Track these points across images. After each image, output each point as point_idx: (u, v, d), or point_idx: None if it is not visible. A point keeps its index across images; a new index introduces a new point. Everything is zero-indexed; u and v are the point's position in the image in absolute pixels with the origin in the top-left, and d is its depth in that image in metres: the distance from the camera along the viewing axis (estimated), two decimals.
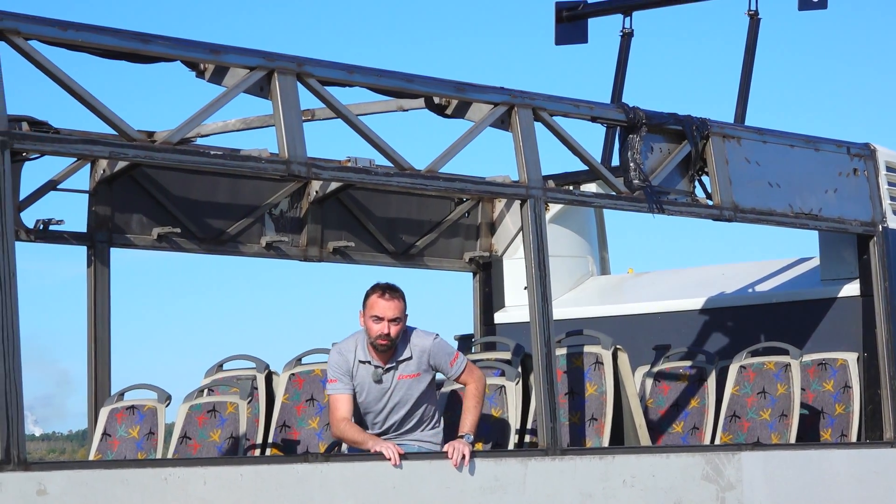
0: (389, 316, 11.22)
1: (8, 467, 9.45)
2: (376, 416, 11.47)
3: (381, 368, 11.26)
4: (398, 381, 11.32)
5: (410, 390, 11.40)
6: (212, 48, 10.91)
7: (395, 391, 11.34)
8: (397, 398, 11.36)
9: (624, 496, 12.44)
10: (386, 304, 11.26)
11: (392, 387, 11.33)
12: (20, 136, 10.20)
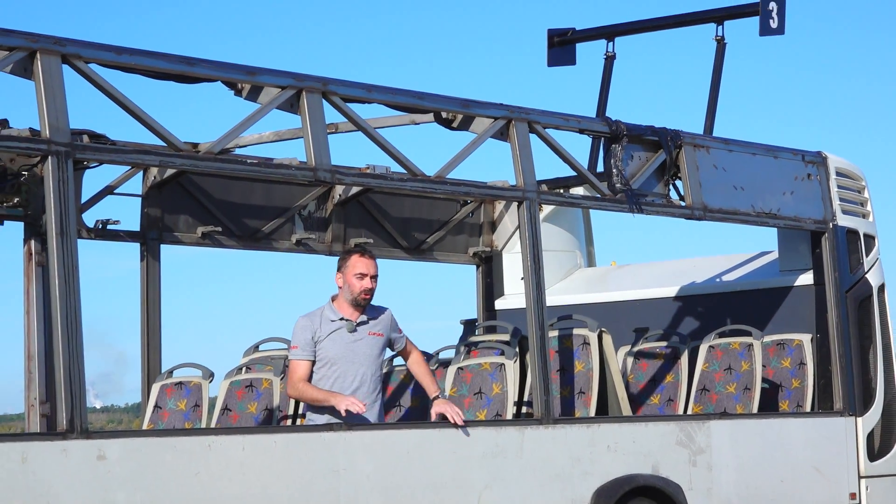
0: (372, 272, 11.23)
1: (72, 435, 9.47)
2: (349, 368, 11.23)
3: (354, 322, 11.21)
4: (369, 335, 11.24)
5: (374, 348, 11.29)
6: (248, 70, 10.93)
7: (364, 342, 11.21)
8: (366, 350, 11.22)
9: (608, 460, 12.45)
10: (368, 261, 11.27)
11: (363, 338, 11.22)
12: (81, 147, 10.22)
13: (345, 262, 11.34)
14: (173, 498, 9.91)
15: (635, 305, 15.43)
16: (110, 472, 9.64)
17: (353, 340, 11.19)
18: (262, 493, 10.35)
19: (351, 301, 11.21)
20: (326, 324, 11.19)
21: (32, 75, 9.74)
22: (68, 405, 9.58)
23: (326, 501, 10.67)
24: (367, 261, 11.27)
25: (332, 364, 11.15)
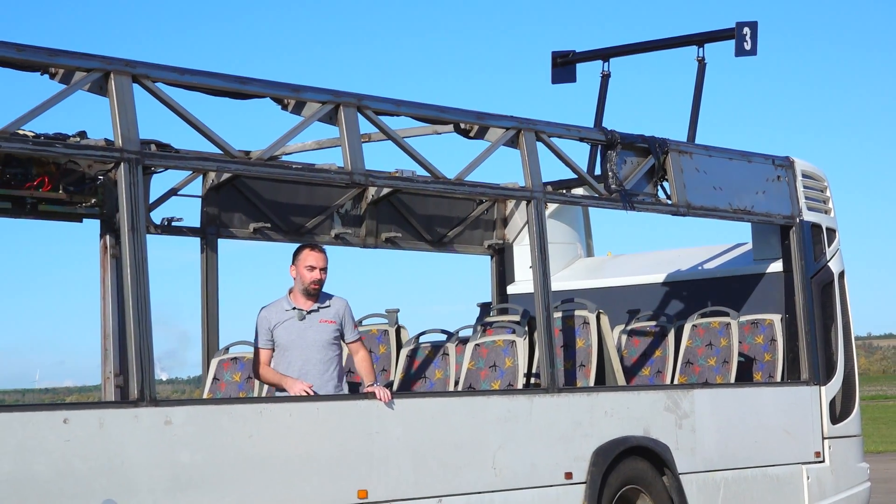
0: (321, 265, 11.11)
1: (142, 404, 9.52)
2: (297, 353, 11.12)
3: (304, 311, 11.10)
4: (319, 323, 11.11)
5: (325, 333, 11.15)
6: (293, 88, 11.00)
7: (313, 329, 11.09)
8: (315, 336, 11.10)
9: (605, 423, 12.49)
10: (317, 255, 11.15)
11: (312, 325, 11.11)
12: (150, 154, 10.27)
13: (297, 256, 11.25)
14: (229, 457, 9.96)
15: (628, 290, 15.43)
16: (175, 435, 9.70)
17: (303, 328, 11.10)
18: (306, 452, 10.40)
19: (302, 291, 11.11)
20: (281, 314, 11.11)
21: (107, 93, 9.79)
22: (139, 377, 9.65)
23: (361, 460, 10.71)
24: (317, 254, 11.17)
25: (284, 350, 11.08)
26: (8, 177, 10.52)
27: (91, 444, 9.27)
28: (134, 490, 9.40)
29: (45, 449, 9.06)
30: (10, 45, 9.48)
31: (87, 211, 11.23)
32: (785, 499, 14.10)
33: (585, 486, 12.19)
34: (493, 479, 11.55)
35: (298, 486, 10.31)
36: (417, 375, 13.71)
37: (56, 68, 9.72)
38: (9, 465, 8.87)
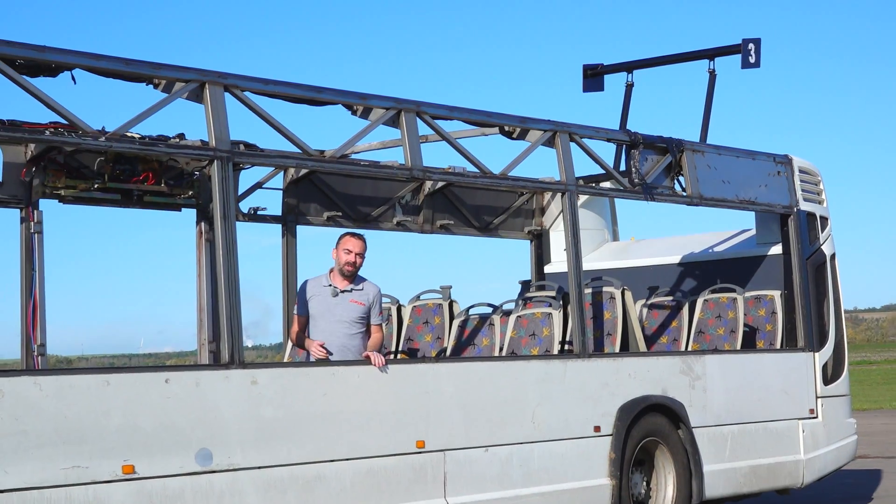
0: (357, 250, 10.94)
1: (232, 366, 9.55)
2: (324, 325, 10.96)
3: (339, 289, 10.98)
4: (349, 302, 10.95)
5: (352, 312, 10.97)
6: (361, 96, 10.99)
7: (341, 306, 10.93)
8: (342, 312, 10.93)
9: (629, 384, 12.47)
10: (355, 241, 11.00)
11: (341, 303, 10.96)
12: (238, 153, 10.29)
13: (339, 240, 11.13)
14: (306, 412, 9.98)
15: (649, 270, 15.39)
16: (260, 393, 9.73)
17: (334, 304, 10.94)
18: (372, 408, 10.41)
19: (339, 271, 10.98)
20: (318, 288, 10.99)
21: (203, 100, 9.82)
22: (229, 344, 9.67)
23: (419, 414, 10.72)
24: (355, 241, 11.02)
25: (315, 319, 10.94)
26: (118, 172, 10.57)
27: (188, 400, 9.31)
28: (225, 440, 9.44)
29: (149, 405, 9.10)
30: (120, 60, 9.52)
31: (185, 202, 11.26)
32: (783, 449, 14.05)
33: (612, 438, 12.17)
34: (532, 432, 11.54)
35: (365, 437, 10.32)
36: (467, 342, 13.71)
37: (159, 79, 9.74)
38: (119, 419, 8.91)
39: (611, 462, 12.14)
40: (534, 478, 11.49)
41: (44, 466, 8.53)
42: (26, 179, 10.16)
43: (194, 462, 9.25)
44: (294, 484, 9.81)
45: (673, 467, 12.82)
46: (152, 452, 9.04)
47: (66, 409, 8.70)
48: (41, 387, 8.65)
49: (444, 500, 10.78)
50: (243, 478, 9.52)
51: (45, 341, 9.81)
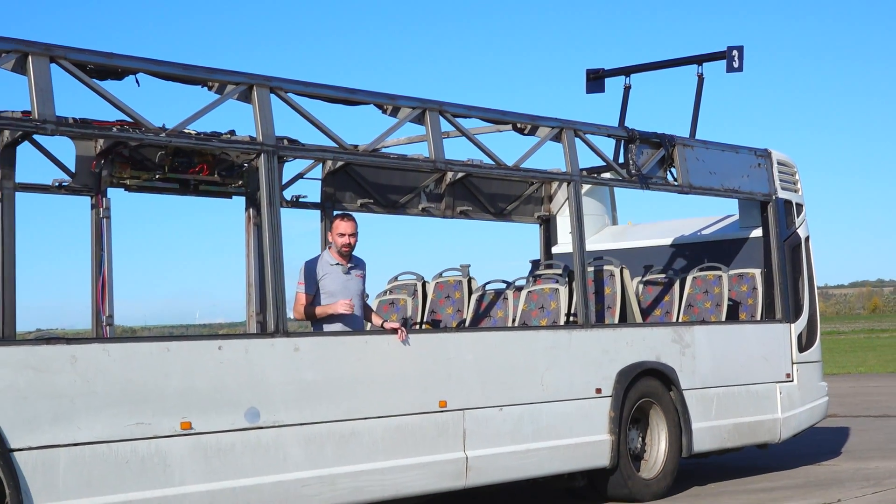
0: (349, 231, 10.87)
1: (277, 335, 9.56)
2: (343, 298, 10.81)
3: (347, 266, 10.91)
4: (355, 276, 10.96)
5: (360, 284, 11.02)
6: (391, 97, 10.99)
7: (352, 280, 10.93)
8: (354, 286, 10.94)
9: (627, 351, 12.46)
10: (346, 224, 10.91)
11: (351, 278, 10.93)
12: (282, 147, 10.29)
13: (332, 224, 11.10)
14: (342, 375, 10.00)
15: (644, 251, 15.37)
16: (302, 358, 9.74)
17: (346, 279, 10.92)
18: (400, 372, 10.42)
19: (337, 252, 10.93)
20: (326, 267, 10.91)
21: (251, 101, 9.82)
22: (274, 315, 9.68)
23: (441, 377, 10.72)
24: (346, 223, 10.92)
25: (331, 295, 10.84)
26: (176, 164, 10.58)
27: (238, 365, 9.33)
28: (270, 400, 9.45)
29: (204, 369, 9.12)
30: (178, 65, 9.53)
31: (235, 190, 11.27)
32: (763, 409, 14.03)
33: (611, 399, 12.16)
34: (541, 393, 11.54)
35: (394, 397, 10.33)
36: (484, 315, 13.71)
37: (213, 82, 9.75)
38: (177, 381, 8.94)
39: (610, 420, 12.13)
40: (542, 434, 11.49)
41: (112, 423, 8.56)
42: (96, 171, 10.19)
43: (244, 419, 9.27)
44: (331, 438, 9.83)
45: (665, 425, 12.81)
46: (207, 411, 9.07)
47: (131, 373, 8.73)
48: (109, 353, 8.68)
49: (464, 453, 10.78)
50: (287, 433, 9.54)
51: (112, 313, 9.84)
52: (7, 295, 8.38)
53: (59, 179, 10.12)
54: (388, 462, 10.20)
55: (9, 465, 7.99)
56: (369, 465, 10.06)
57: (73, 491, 8.29)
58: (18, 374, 8.17)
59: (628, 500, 12.35)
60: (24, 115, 8.67)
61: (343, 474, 9.87)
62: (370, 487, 10.06)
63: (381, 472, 10.14)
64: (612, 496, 12.35)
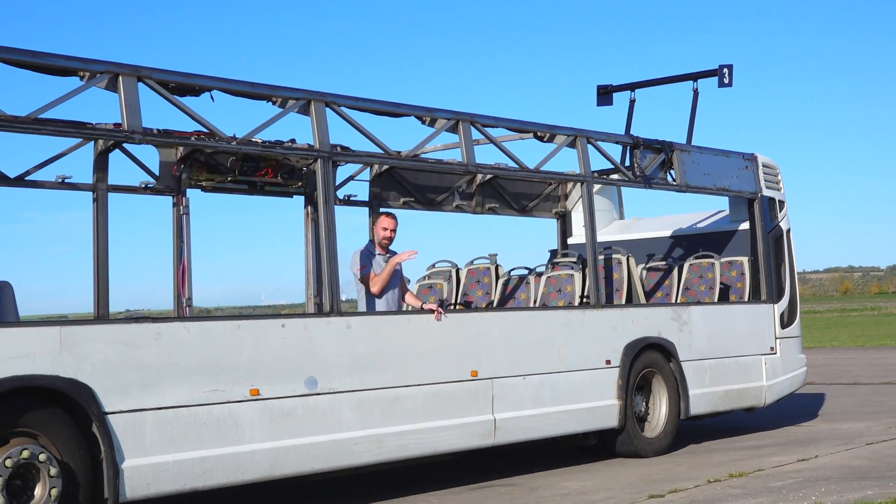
0: (391, 227, 10.95)
1: (332, 314, 9.57)
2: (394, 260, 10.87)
3: (385, 256, 10.88)
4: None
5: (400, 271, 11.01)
6: (429, 109, 10.98)
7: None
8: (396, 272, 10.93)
9: (633, 327, 12.40)
10: (388, 220, 11.00)
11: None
12: (336, 154, 10.28)
13: (376, 220, 11.17)
14: (388, 349, 10.00)
15: (647, 241, 15.31)
16: (353, 334, 9.74)
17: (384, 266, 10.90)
18: (437, 345, 10.41)
19: (379, 243, 10.97)
20: (373, 256, 10.93)
21: (309, 113, 9.82)
22: (330, 297, 9.69)
23: (472, 351, 10.70)
24: (388, 219, 11.01)
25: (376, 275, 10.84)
26: (245, 168, 10.58)
27: (299, 340, 9.34)
28: (326, 370, 9.46)
29: (270, 343, 9.14)
30: (246, 83, 9.54)
31: (296, 191, 11.26)
32: (750, 377, 13.95)
33: (619, 369, 12.11)
34: (558, 364, 11.50)
35: (432, 367, 10.33)
36: (509, 297, 13.69)
37: (276, 98, 9.75)
38: (247, 354, 8.96)
39: (618, 387, 12.08)
40: (560, 399, 11.46)
41: (191, 390, 8.58)
42: (177, 174, 10.21)
43: (304, 387, 9.28)
44: (378, 403, 9.83)
45: (666, 391, 12.75)
46: (272, 379, 9.09)
47: (207, 347, 8.75)
48: (189, 330, 8.70)
49: (492, 415, 10.76)
50: (340, 399, 9.55)
51: (191, 296, 9.86)
52: (101, 281, 8.41)
53: (145, 182, 10.16)
54: (428, 423, 10.20)
55: (104, 426, 8.03)
56: (411, 426, 10.06)
57: (158, 448, 8.33)
58: (111, 348, 8.21)
59: (634, 455, 12.31)
60: (115, 126, 8.71)
61: (389, 434, 9.88)
62: (412, 445, 10.07)
63: (422, 431, 10.14)
64: (619, 452, 12.32)
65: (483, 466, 11.87)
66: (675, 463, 11.88)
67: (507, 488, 10.53)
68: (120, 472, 8.06)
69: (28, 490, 7.78)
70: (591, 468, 11.72)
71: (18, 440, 7.73)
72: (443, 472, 11.45)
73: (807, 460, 11.50)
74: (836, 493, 9.29)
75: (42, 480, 7.80)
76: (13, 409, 7.70)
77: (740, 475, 10.64)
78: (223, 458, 8.68)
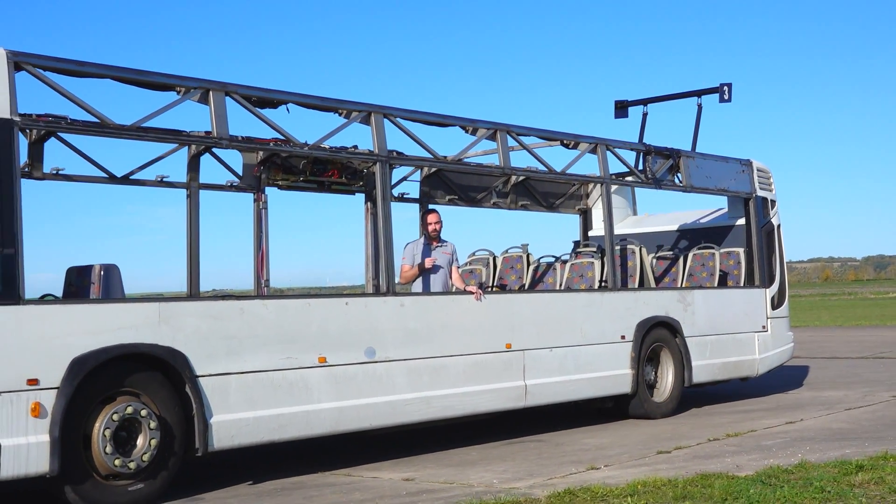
0: (435, 221, 10.94)
1: (388, 294, 9.60)
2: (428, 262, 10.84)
3: (434, 245, 10.86)
4: (442, 253, 10.88)
5: (446, 258, 10.90)
6: (471, 120, 10.95)
7: (439, 255, 10.84)
8: (442, 259, 10.86)
9: (644, 308, 12.30)
10: (432, 215, 11.00)
11: (440, 254, 10.86)
12: (392, 158, 10.25)
13: (424, 216, 11.16)
14: (435, 324, 9.97)
15: (657, 234, 15.20)
16: (406, 311, 9.73)
17: (438, 254, 10.86)
18: (477, 322, 10.37)
19: (429, 235, 10.94)
20: (421, 246, 10.90)
21: (369, 123, 9.81)
22: (385, 280, 9.68)
23: (507, 326, 10.66)
24: (433, 215, 11.02)
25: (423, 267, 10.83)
26: (315, 170, 10.59)
27: (360, 316, 9.34)
28: (383, 342, 9.47)
29: (335, 318, 9.15)
30: (318, 97, 9.56)
31: (357, 189, 11.26)
32: (745, 351, 13.82)
33: (632, 343, 12.03)
34: (580, 338, 11.44)
35: (472, 340, 10.30)
36: (539, 281, 13.63)
37: (342, 110, 9.74)
38: (316, 327, 8.98)
39: (631, 359, 12.01)
40: (581, 368, 11.40)
41: (269, 357, 8.62)
42: (257, 174, 10.23)
43: (363, 356, 9.29)
44: (427, 370, 9.82)
45: (672, 362, 12.66)
46: (337, 349, 9.10)
47: (282, 321, 8.77)
48: (267, 307, 8.73)
49: (524, 381, 10.73)
50: (394, 366, 9.55)
51: (268, 277, 9.89)
52: (193, 264, 8.45)
53: (230, 181, 10.18)
54: (468, 388, 10.19)
55: (195, 387, 8.08)
56: (454, 390, 10.05)
57: (241, 406, 8.37)
58: (202, 321, 8.25)
59: (644, 417, 12.23)
60: (206, 134, 8.74)
61: (435, 396, 9.87)
62: (455, 406, 10.06)
63: (463, 394, 10.13)
64: (632, 414, 12.24)
65: (515, 425, 11.85)
66: (679, 424, 11.80)
67: (536, 444, 10.51)
68: (209, 426, 8.12)
69: (132, 440, 7.86)
70: (608, 427, 11.66)
71: (124, 398, 7.80)
72: (481, 430, 11.44)
73: (793, 423, 11.39)
74: (819, 452, 9.19)
75: (143, 432, 7.86)
76: (120, 371, 7.77)
77: (736, 435, 10.55)
78: (295, 416, 8.71)
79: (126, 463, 7.74)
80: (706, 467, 8.50)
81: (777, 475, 7.81)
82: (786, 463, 8.48)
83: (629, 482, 7.80)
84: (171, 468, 8.04)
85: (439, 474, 8.79)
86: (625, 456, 9.50)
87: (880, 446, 9.23)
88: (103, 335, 7.62)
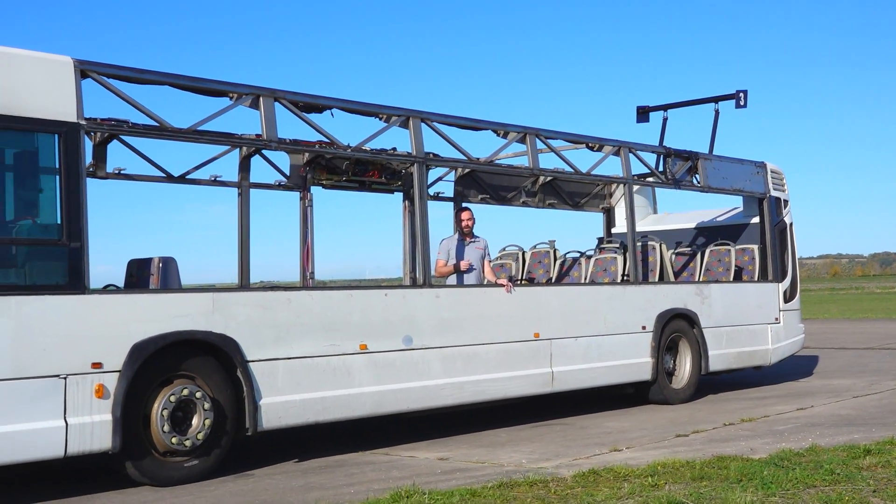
0: (467, 218, 10.93)
1: (424, 287, 9.56)
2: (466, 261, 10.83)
3: (468, 241, 10.86)
4: (475, 248, 10.89)
5: (478, 253, 10.91)
6: (503, 125, 10.90)
7: (472, 251, 10.86)
8: (474, 253, 10.88)
9: (664, 300, 12.22)
10: (465, 213, 10.99)
11: (472, 249, 10.86)
12: (429, 159, 10.23)
13: (458, 213, 11.12)
14: (468, 315, 9.94)
15: (676, 231, 15.10)
16: (441, 302, 9.71)
17: (468, 250, 10.86)
18: (507, 313, 10.34)
19: (462, 231, 10.93)
20: (455, 242, 10.89)
21: (408, 127, 9.80)
22: (422, 273, 9.68)
23: (535, 317, 10.61)
24: (466, 212, 11.00)
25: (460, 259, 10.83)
26: (357, 170, 10.59)
27: (398, 306, 9.33)
28: (420, 331, 9.45)
29: (375, 308, 9.14)
30: (360, 103, 9.55)
31: (396, 188, 11.25)
32: (758, 342, 13.69)
33: (652, 333, 11.95)
34: (604, 328, 11.38)
35: (502, 329, 10.27)
36: (565, 275, 13.56)
37: (382, 115, 9.74)
38: (357, 316, 8.98)
39: (652, 348, 11.93)
40: (605, 356, 11.34)
41: (314, 344, 8.63)
42: (303, 174, 10.25)
43: (401, 343, 9.28)
44: (461, 357, 9.80)
45: (690, 352, 12.56)
46: (377, 337, 9.10)
47: (326, 310, 8.78)
48: (312, 297, 8.74)
49: (551, 368, 10.69)
50: (430, 354, 9.53)
51: (313, 270, 9.90)
52: (244, 257, 8.48)
53: (278, 180, 10.20)
54: (499, 374, 10.16)
55: (246, 371, 8.11)
56: (486, 376, 10.03)
57: (288, 389, 8.39)
58: (252, 310, 8.27)
59: (663, 403, 12.15)
60: (256, 136, 8.76)
61: (468, 381, 9.85)
62: (486, 391, 10.03)
63: (494, 380, 10.10)
64: (652, 400, 12.17)
65: (542, 409, 11.81)
66: (696, 409, 11.71)
67: (562, 427, 10.46)
68: (258, 408, 8.15)
69: (187, 420, 7.90)
70: (629, 412, 11.60)
71: (180, 381, 7.85)
72: (510, 413, 11.41)
73: (804, 409, 11.28)
74: (829, 436, 9.09)
75: (198, 413, 7.90)
76: (177, 356, 7.82)
77: (750, 420, 10.46)
78: (338, 398, 8.73)
79: (182, 441, 7.78)
80: (722, 450, 8.44)
81: (789, 458, 7.74)
82: (797, 447, 8.40)
83: (650, 463, 7.76)
84: (224, 446, 8.08)
85: (472, 454, 8.78)
86: (645, 439, 9.44)
87: (886, 432, 9.13)
88: (161, 323, 7.66)
